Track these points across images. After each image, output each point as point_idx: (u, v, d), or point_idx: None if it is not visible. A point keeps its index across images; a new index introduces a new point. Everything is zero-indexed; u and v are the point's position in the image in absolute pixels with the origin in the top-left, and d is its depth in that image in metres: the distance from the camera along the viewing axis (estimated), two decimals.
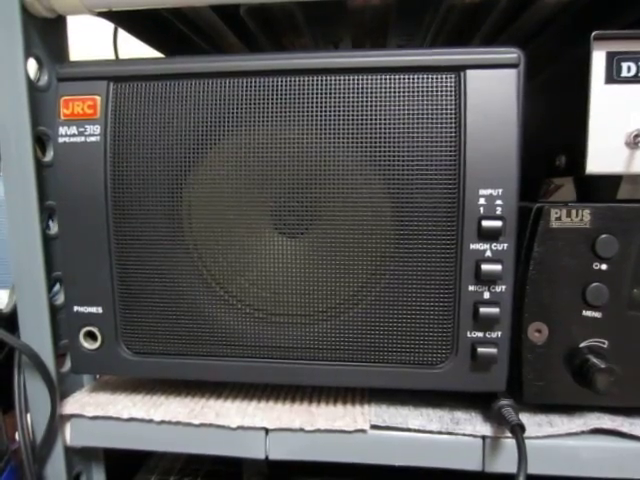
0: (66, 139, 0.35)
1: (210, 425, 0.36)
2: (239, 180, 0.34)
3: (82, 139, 0.35)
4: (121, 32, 0.52)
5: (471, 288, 0.33)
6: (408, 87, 0.32)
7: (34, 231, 0.36)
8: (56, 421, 0.38)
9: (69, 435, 0.38)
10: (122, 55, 0.61)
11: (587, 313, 0.33)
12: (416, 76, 0.32)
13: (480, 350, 0.33)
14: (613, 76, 0.32)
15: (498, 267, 0.32)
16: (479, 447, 0.34)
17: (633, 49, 0.32)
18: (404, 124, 0.32)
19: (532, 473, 0.31)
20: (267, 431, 0.35)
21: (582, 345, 0.33)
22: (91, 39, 0.64)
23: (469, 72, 0.32)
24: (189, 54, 0.35)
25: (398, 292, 0.33)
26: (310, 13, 0.44)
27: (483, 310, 0.32)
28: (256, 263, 0.34)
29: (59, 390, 0.38)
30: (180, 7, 0.41)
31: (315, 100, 0.33)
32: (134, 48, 0.53)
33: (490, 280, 0.32)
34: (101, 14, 0.38)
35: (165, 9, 0.42)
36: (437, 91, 0.32)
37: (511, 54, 0.31)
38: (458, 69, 0.32)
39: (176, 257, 0.35)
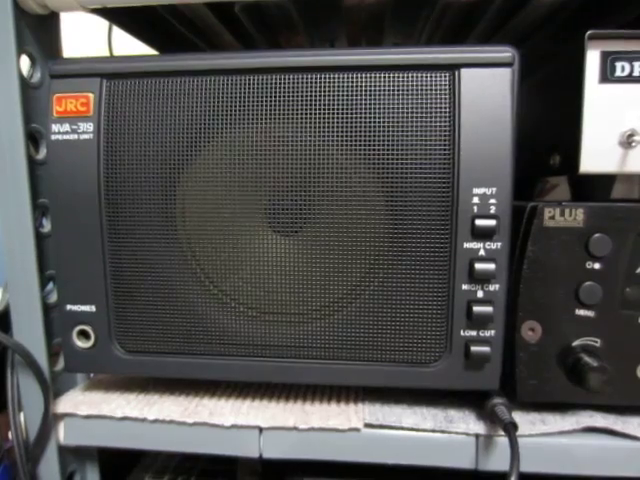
0: (59, 136, 0.35)
1: (204, 424, 0.35)
2: (233, 178, 0.34)
3: (75, 136, 0.34)
4: (115, 29, 0.52)
5: (465, 287, 0.33)
6: (402, 85, 0.32)
7: (27, 229, 0.36)
8: (49, 420, 0.37)
9: (62, 434, 0.38)
10: (116, 52, 0.61)
11: (580, 312, 0.33)
12: (410, 74, 0.32)
13: (473, 349, 0.33)
14: (607, 76, 0.32)
15: (492, 266, 0.32)
16: (472, 445, 0.34)
17: (627, 49, 0.32)
18: (398, 122, 0.32)
19: (524, 471, 0.31)
20: (261, 430, 0.35)
21: (575, 344, 0.34)
22: (86, 36, 0.63)
23: (463, 70, 0.32)
24: (184, 51, 0.35)
25: (392, 291, 0.33)
26: (305, 11, 0.44)
27: (477, 309, 0.32)
28: (250, 261, 0.34)
29: (52, 389, 0.38)
30: (175, 4, 0.41)
31: (309, 98, 0.32)
32: (128, 45, 0.53)
33: (484, 279, 0.32)
34: (95, 11, 0.38)
35: (160, 6, 0.42)
36: (431, 89, 0.32)
37: (505, 53, 0.32)
38: (452, 67, 0.32)
39: (169, 255, 0.35)
